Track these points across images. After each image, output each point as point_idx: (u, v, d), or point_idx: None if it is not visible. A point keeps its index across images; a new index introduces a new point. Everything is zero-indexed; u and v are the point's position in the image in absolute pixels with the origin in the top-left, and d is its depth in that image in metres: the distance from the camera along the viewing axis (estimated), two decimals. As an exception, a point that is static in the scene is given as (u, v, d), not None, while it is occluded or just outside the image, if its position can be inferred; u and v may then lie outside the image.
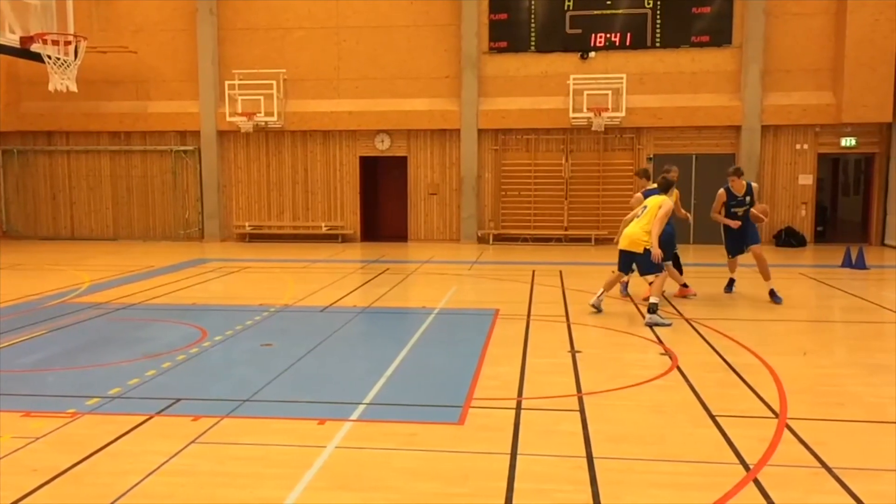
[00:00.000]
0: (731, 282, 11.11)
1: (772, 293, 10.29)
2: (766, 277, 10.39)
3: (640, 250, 9.03)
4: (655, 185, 9.84)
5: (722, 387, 6.26)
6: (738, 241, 10.63)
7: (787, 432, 5.10)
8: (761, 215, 10.59)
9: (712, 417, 5.41)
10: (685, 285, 10.73)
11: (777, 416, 5.47)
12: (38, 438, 5.00)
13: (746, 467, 4.48)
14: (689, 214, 11.61)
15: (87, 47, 15.77)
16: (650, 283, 9.10)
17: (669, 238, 9.99)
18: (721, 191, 10.58)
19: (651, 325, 8.58)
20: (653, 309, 8.67)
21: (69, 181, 20.61)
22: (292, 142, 19.88)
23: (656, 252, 8.83)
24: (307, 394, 6.13)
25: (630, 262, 9.35)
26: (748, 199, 10.39)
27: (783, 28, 17.97)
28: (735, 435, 5.01)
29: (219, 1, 19.51)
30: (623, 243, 9.29)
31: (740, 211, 10.45)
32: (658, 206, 9.03)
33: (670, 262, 10.03)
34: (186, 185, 20.29)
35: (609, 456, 4.68)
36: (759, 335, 8.27)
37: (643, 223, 9.08)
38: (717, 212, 10.62)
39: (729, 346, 7.64)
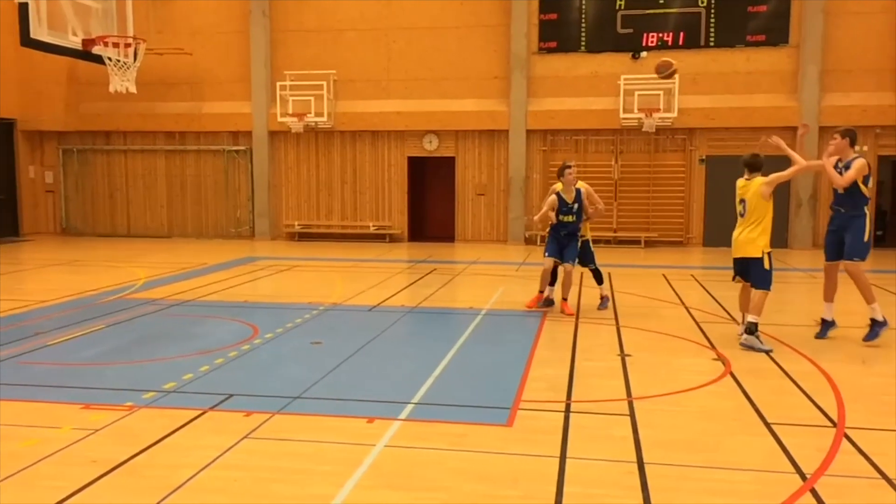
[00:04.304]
0: (825, 325, 8.27)
1: (872, 323, 7.96)
2: (868, 300, 8.01)
3: (759, 254, 7.78)
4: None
5: (777, 394, 6.12)
6: (835, 241, 8.14)
7: (845, 442, 4.97)
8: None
9: (767, 425, 5.29)
10: (606, 297, 10.18)
11: (835, 425, 5.32)
12: (96, 430, 5.14)
13: (803, 477, 4.38)
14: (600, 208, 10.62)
15: (145, 49, 16.14)
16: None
17: (586, 245, 10.09)
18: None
19: (747, 347, 7.61)
20: (751, 329, 7.67)
21: (126, 180, 21.16)
22: (341, 142, 20.07)
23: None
24: (356, 392, 6.17)
25: (745, 268, 8.01)
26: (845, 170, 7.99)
27: (842, 27, 17.50)
28: (791, 444, 4.90)
29: (271, 2, 19.83)
30: (736, 252, 8.01)
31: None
32: (760, 184, 7.80)
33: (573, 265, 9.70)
34: (238, 185, 20.65)
35: (660, 462, 4.61)
36: (815, 342, 8.03)
37: (751, 222, 7.83)
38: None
39: (784, 353, 7.47)
